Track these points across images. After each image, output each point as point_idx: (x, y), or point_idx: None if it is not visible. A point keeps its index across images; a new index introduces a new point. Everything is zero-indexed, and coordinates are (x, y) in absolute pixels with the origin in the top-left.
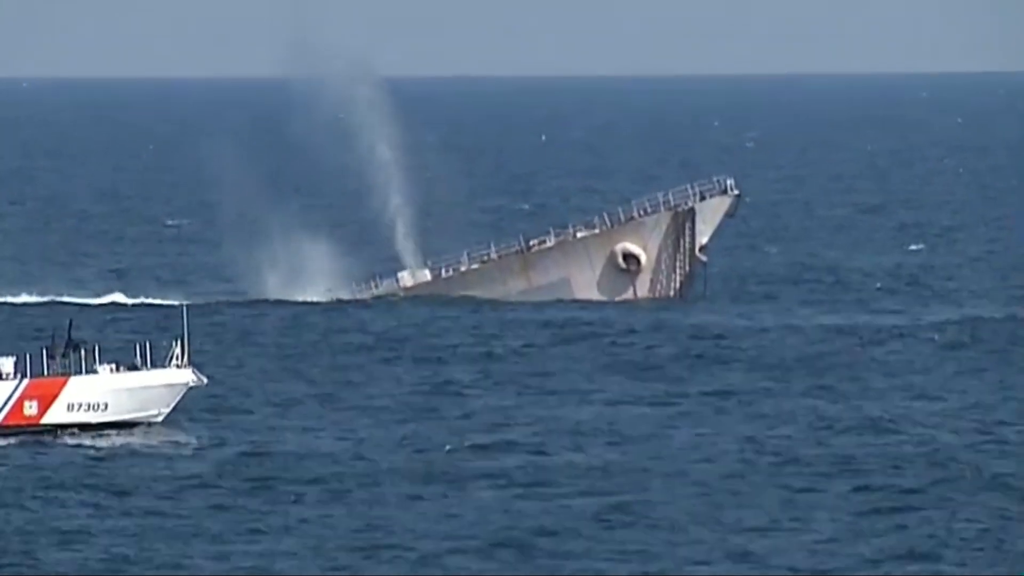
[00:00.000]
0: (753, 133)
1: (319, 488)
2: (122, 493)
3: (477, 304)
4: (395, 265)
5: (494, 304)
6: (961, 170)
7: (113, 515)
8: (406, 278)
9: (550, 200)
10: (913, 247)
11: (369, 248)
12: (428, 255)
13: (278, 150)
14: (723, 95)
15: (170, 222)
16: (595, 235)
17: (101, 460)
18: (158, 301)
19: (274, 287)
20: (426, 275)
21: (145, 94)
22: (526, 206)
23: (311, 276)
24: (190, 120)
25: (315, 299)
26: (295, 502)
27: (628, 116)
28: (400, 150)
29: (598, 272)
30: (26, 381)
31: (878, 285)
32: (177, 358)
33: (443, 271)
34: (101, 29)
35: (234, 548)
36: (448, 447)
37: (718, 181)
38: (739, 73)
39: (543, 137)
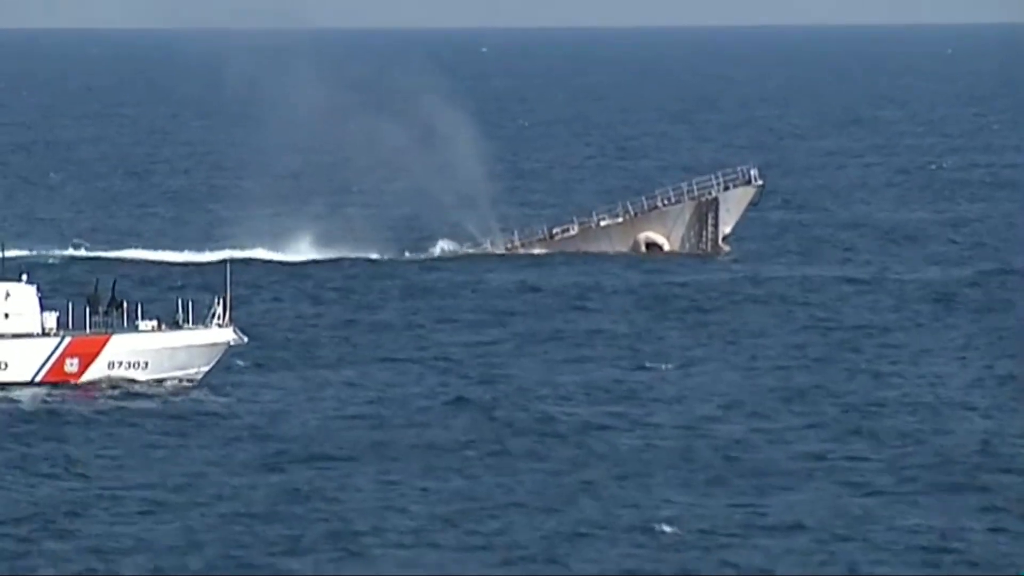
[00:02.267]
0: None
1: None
2: (153, 447)
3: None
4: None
5: None
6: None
7: (142, 473)
8: (444, 245)
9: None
10: None
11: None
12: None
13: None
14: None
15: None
16: (618, 223)
17: (139, 416)
18: (201, 258)
19: (311, 246)
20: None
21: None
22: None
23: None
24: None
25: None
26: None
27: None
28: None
29: None
30: (68, 338)
31: None
32: (219, 317)
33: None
34: None
35: (265, 510)
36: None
37: (742, 171)
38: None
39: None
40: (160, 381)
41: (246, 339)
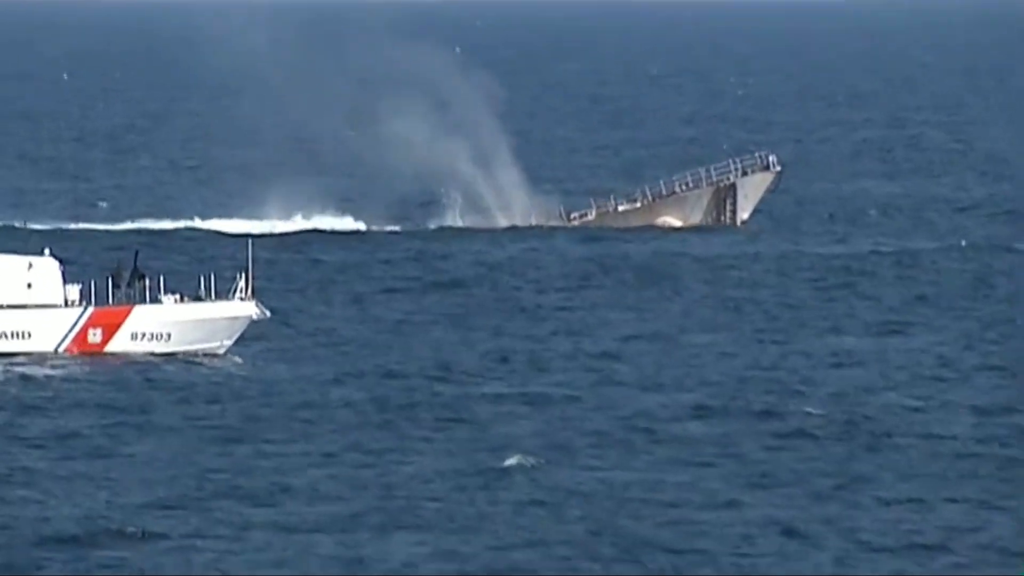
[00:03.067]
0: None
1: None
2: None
3: None
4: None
5: None
6: None
7: (162, 445)
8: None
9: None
10: None
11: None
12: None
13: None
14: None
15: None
16: (636, 209)
17: (159, 389)
18: (226, 229)
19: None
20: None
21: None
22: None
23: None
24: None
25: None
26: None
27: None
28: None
29: None
30: (91, 309)
31: None
32: (241, 291)
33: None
34: None
35: (284, 480)
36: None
37: (760, 157)
38: None
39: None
40: (183, 353)
41: (269, 313)
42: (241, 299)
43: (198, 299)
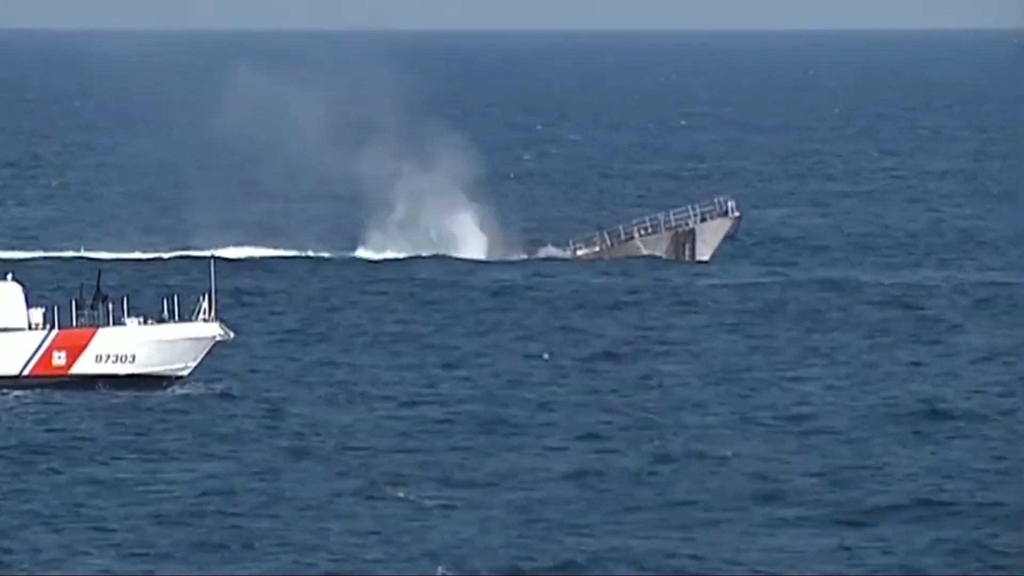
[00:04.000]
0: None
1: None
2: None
3: None
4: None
5: None
6: None
7: (130, 468)
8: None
9: None
10: None
11: None
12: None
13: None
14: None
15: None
16: (595, 252)
17: (125, 413)
18: (188, 253)
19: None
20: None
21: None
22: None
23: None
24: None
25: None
26: (306, 460)
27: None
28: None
29: None
30: (55, 331)
31: None
32: (204, 312)
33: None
34: None
35: (248, 499)
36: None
37: (719, 202)
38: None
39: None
40: (147, 375)
41: (232, 334)
42: (204, 320)
43: (162, 321)
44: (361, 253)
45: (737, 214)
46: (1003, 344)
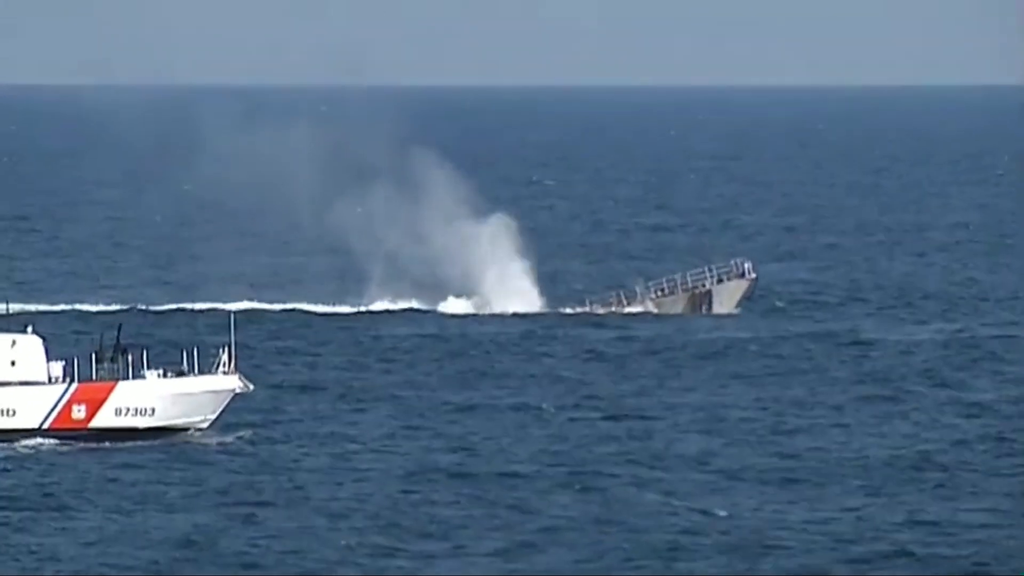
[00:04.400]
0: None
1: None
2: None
3: None
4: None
5: None
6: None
7: (153, 520)
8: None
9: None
10: None
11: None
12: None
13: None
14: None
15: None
16: (612, 312)
17: (143, 466)
18: (210, 306)
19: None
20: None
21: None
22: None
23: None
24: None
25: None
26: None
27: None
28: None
29: None
30: (75, 385)
31: None
32: (224, 365)
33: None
34: None
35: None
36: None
37: (736, 264)
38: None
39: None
40: (167, 428)
41: (252, 387)
42: (224, 373)
43: (181, 373)
44: (378, 305)
45: (754, 275)
46: (1014, 394)
